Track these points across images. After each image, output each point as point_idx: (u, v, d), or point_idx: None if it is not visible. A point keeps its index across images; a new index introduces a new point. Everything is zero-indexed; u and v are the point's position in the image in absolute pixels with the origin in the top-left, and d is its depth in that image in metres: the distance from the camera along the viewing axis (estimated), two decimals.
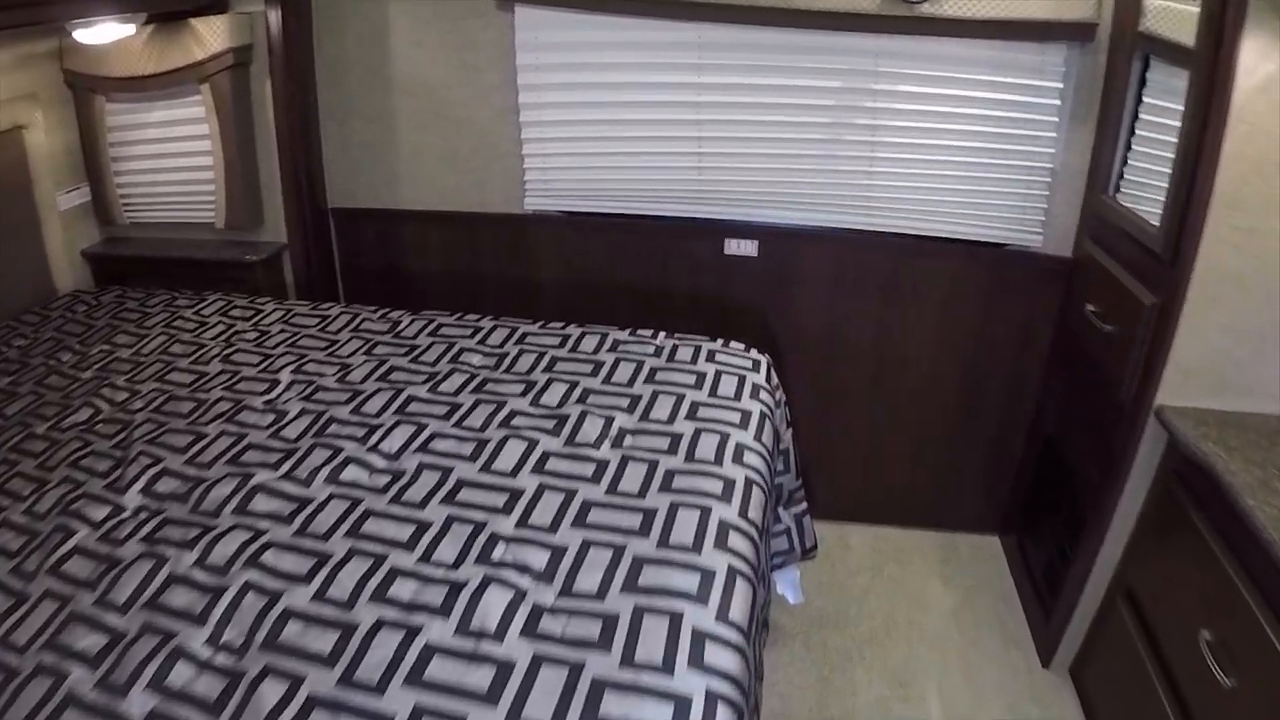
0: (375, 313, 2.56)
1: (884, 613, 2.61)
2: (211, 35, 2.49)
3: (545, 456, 1.85)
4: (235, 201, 2.71)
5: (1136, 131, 2.12)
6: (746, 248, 2.72)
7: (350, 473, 1.81)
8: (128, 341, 2.45)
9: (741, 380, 2.14)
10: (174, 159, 2.77)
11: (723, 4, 2.36)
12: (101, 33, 2.26)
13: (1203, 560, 1.67)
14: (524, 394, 2.10)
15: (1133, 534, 2.06)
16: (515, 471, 1.80)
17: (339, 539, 1.61)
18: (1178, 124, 1.80)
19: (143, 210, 2.89)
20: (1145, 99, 2.08)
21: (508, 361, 2.26)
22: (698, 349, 2.29)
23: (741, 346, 2.30)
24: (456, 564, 1.54)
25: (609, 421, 1.97)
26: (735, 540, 1.59)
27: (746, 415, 2.00)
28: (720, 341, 2.32)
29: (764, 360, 2.25)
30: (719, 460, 1.82)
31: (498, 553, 1.56)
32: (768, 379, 2.20)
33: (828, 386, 2.85)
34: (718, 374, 2.16)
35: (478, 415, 2.01)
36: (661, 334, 2.36)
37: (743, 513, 1.67)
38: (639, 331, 2.38)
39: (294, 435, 1.97)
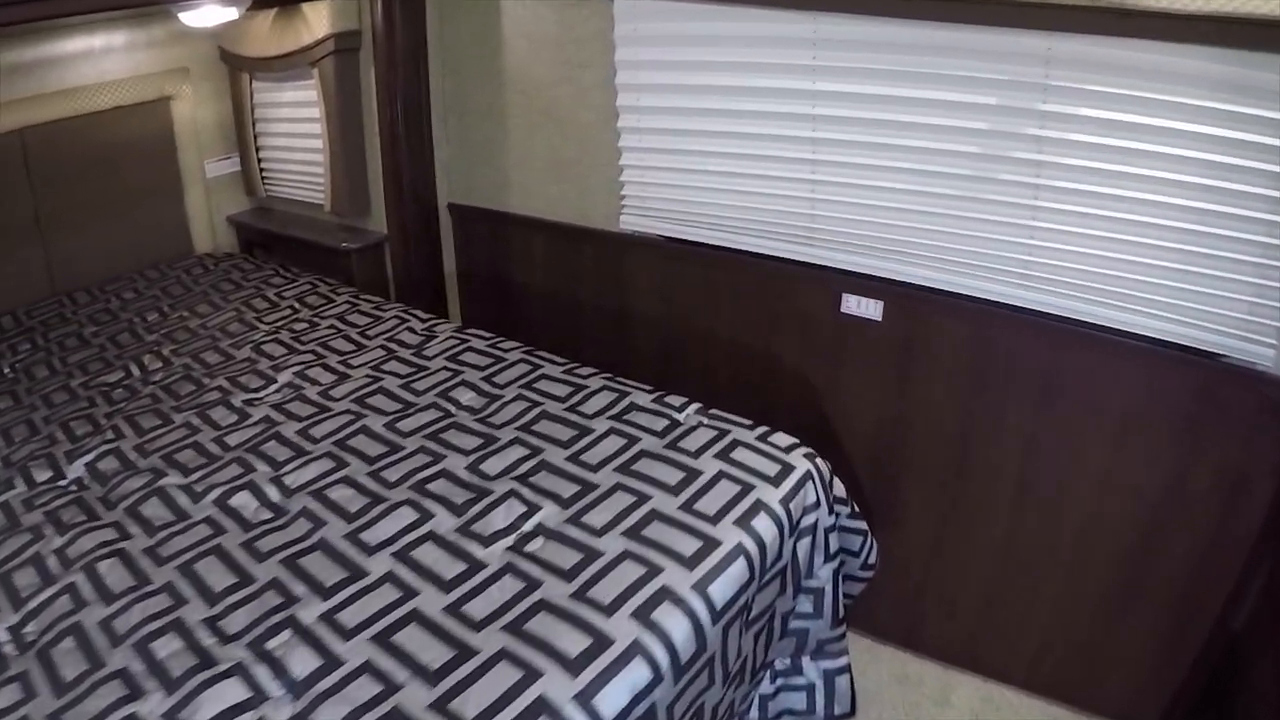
0: (424, 322, 2.47)
1: None
2: (317, 20, 2.56)
3: (423, 539, 1.60)
4: (339, 188, 2.75)
5: None
6: (869, 308, 2.15)
7: (239, 499, 1.76)
8: (205, 311, 2.66)
9: (743, 493, 1.65)
10: (299, 139, 2.92)
11: None
12: (206, 16, 2.36)
13: None
14: (472, 452, 1.85)
15: None
16: (378, 548, 1.58)
17: (170, 569, 1.56)
18: None
19: (278, 185, 3.09)
20: None
21: (496, 406, 2.01)
22: (721, 434, 1.82)
23: (785, 443, 1.80)
24: (238, 638, 1.39)
25: (527, 515, 1.65)
26: None
27: (710, 545, 1.52)
28: (758, 432, 1.81)
29: (802, 468, 1.72)
30: (619, 606, 1.39)
31: (277, 640, 1.38)
32: (796, 489, 1.69)
33: (953, 498, 2.19)
34: (717, 477, 1.70)
35: (403, 466, 1.82)
36: (692, 407, 1.92)
37: None
38: (667, 399, 1.97)
39: (234, 443, 1.96)
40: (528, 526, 1.61)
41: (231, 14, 2.45)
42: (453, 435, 1.90)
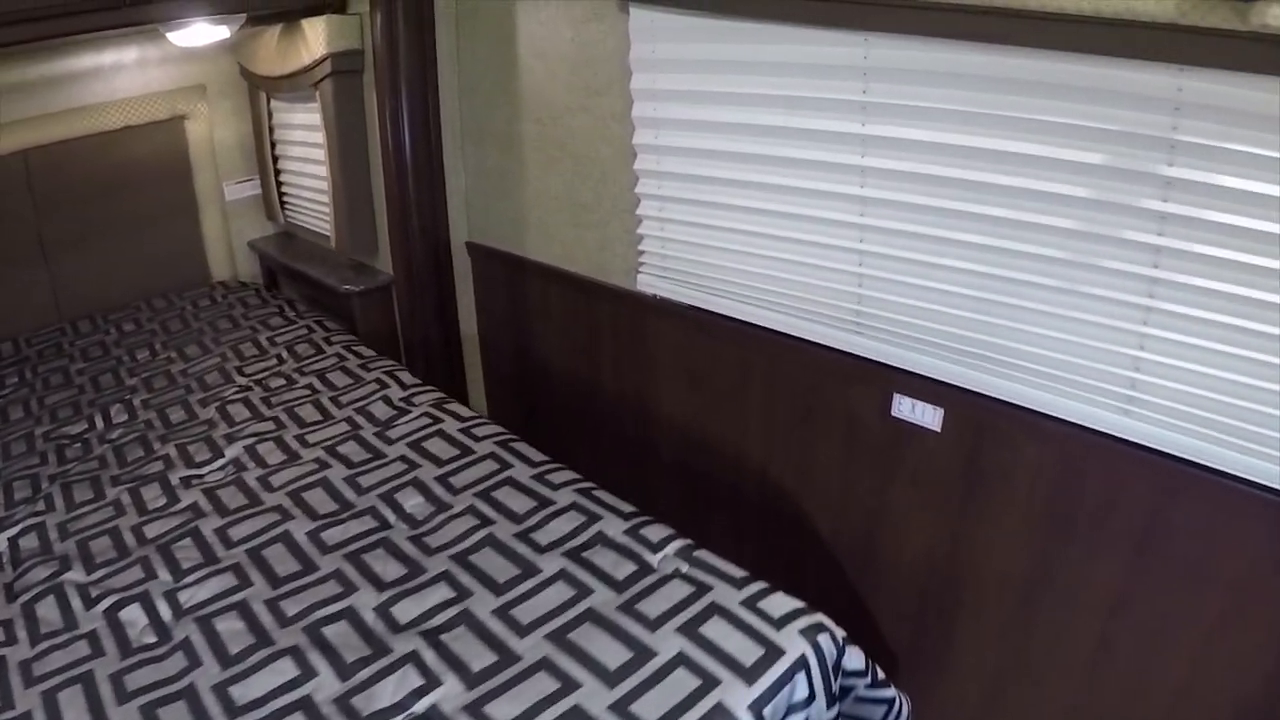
0: (406, 390, 2.18)
1: None
2: (315, 39, 2.29)
3: (292, 709, 1.30)
4: (342, 222, 2.52)
5: None
6: (925, 415, 1.69)
7: (129, 613, 1.55)
8: (193, 354, 2.52)
9: (701, 690, 1.26)
10: (310, 165, 2.70)
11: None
12: (195, 35, 2.16)
13: None
14: (390, 586, 1.54)
15: None
16: (241, 711, 1.30)
17: (34, 695, 1.37)
18: None
19: (295, 212, 2.89)
20: None
21: (439, 520, 1.69)
22: (698, 592, 1.42)
23: (780, 610, 1.38)
24: None
25: (421, 692, 1.31)
26: None
27: None
28: (749, 591, 1.41)
29: (795, 651, 1.31)
30: None
31: None
32: (779, 686, 1.28)
33: (1016, 652, 1.72)
34: (675, 662, 1.31)
35: (308, 596, 1.53)
36: (673, 546, 1.53)
37: None
38: (644, 532, 1.59)
39: (150, 535, 1.76)
40: (418, 708, 1.27)
41: (223, 33, 2.23)
42: (376, 559, 1.59)
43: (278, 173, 2.83)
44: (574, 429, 2.54)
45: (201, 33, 2.20)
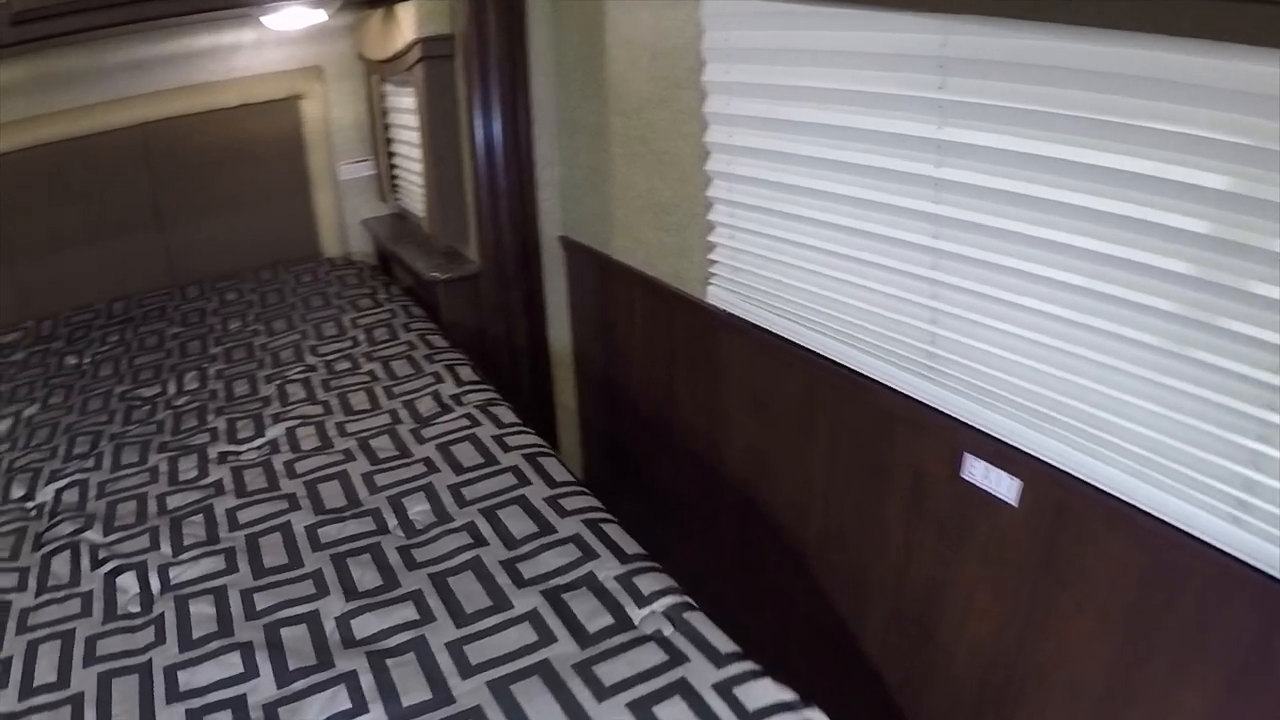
0: (460, 387, 2.10)
1: None
2: (407, 22, 2.26)
3: (223, 706, 1.26)
4: (434, 207, 2.49)
5: None
6: (1000, 484, 1.42)
7: (126, 580, 1.56)
8: (278, 329, 2.58)
9: None
10: (412, 148, 2.66)
11: None
12: (291, 19, 2.19)
13: None
14: (361, 596, 1.47)
15: None
16: (180, 698, 1.29)
17: (21, 641, 1.42)
18: None
19: (403, 194, 2.89)
20: None
21: (435, 532, 1.62)
22: (669, 663, 1.26)
23: (759, 702, 1.17)
24: None
25: (345, 716, 1.22)
26: None
27: None
28: (729, 673, 1.22)
29: None
30: None
31: None
32: None
33: None
34: None
35: (281, 593, 1.49)
36: (662, 603, 1.37)
37: None
38: (638, 580, 1.42)
39: (170, 506, 1.78)
40: None
41: (319, 17, 2.24)
42: (359, 564, 1.52)
43: (390, 155, 2.86)
44: (651, 435, 2.42)
45: (297, 16, 2.22)
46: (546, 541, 1.51)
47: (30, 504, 1.83)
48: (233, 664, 1.32)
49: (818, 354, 1.71)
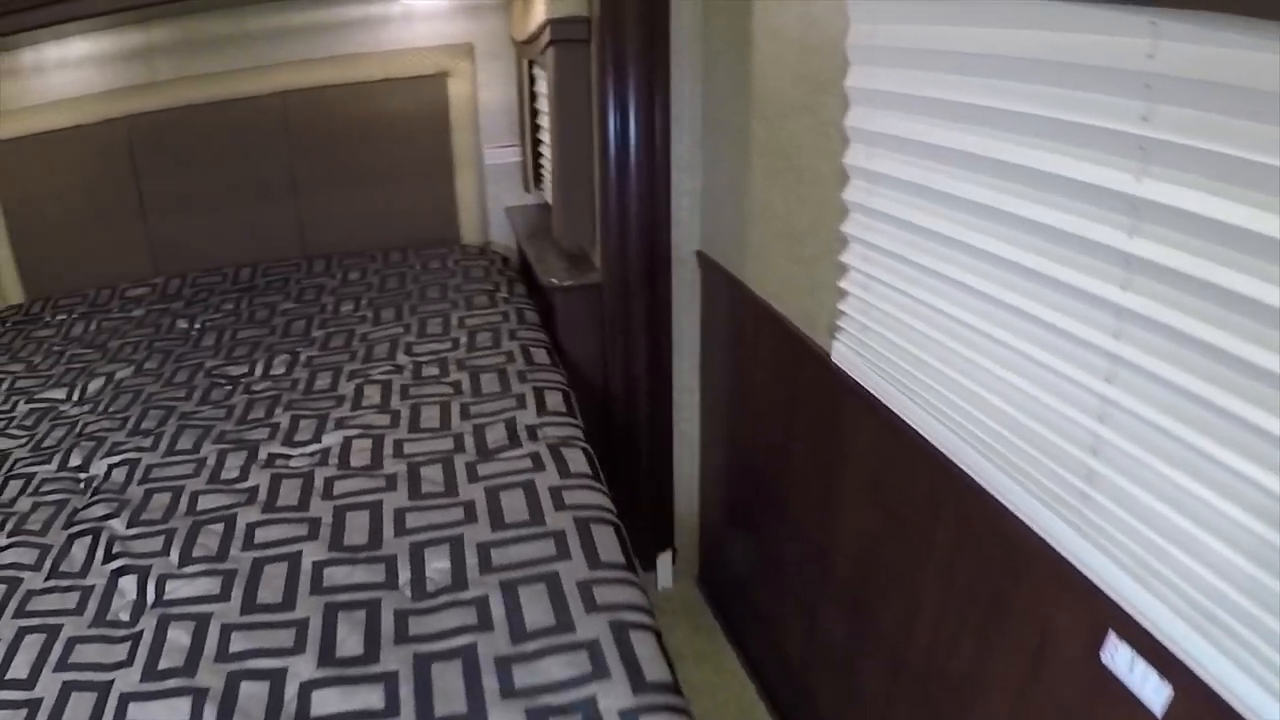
0: (538, 415, 1.90)
1: None
2: (540, 3, 2.04)
3: None
4: (559, 206, 2.29)
5: None
6: (1146, 684, 1.01)
7: (126, 582, 1.51)
8: (386, 319, 2.54)
9: None
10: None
11: None
12: None
13: None
14: (328, 665, 1.30)
15: None
16: None
17: (13, 624, 1.41)
18: None
19: (544, 185, 2.70)
20: None
21: (442, 600, 1.43)
22: None
23: None
24: None
25: None
26: None
27: None
28: None
29: None
30: None
31: None
32: None
33: None
34: None
35: (256, 638, 1.36)
36: None
37: None
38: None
39: (200, 507, 1.70)
40: None
41: None
42: (350, 623, 1.35)
43: (536, 142, 2.69)
44: (763, 486, 2.12)
45: None
46: (557, 643, 1.26)
47: (82, 475, 1.82)
48: (180, 711, 1.20)
49: (945, 455, 1.33)
